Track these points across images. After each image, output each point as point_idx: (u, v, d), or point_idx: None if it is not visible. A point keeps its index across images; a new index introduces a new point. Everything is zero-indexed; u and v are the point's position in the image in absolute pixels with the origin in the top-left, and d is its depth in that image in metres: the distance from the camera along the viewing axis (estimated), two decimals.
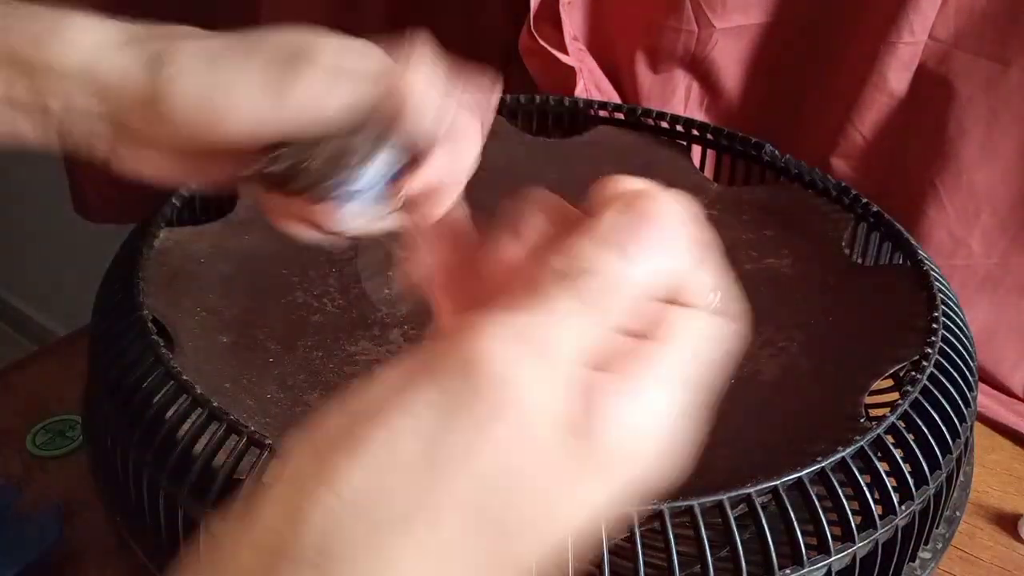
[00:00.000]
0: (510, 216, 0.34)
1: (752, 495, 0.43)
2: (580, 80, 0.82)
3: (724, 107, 0.86)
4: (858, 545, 0.45)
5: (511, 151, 0.78)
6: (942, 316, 0.56)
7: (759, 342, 0.59)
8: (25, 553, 0.55)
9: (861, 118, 0.77)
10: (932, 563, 0.51)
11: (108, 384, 0.51)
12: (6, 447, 0.66)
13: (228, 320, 0.58)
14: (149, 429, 0.48)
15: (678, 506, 0.42)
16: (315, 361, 0.57)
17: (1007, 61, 0.70)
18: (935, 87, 0.73)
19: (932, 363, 0.52)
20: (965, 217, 0.75)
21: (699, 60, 0.82)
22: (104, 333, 0.54)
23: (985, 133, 0.72)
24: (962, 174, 0.74)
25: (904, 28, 0.72)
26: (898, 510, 0.46)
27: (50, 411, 0.68)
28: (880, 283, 0.63)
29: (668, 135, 0.79)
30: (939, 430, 0.50)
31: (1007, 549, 0.63)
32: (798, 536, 0.43)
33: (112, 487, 0.51)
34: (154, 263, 0.58)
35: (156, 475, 0.47)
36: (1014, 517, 0.65)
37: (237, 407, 0.50)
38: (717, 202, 0.72)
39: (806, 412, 0.54)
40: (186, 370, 0.49)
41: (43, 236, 1.68)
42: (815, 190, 0.71)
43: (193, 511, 0.45)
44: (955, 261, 0.76)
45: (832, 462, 0.45)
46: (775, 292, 0.64)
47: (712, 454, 0.51)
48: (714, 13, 0.79)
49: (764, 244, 0.68)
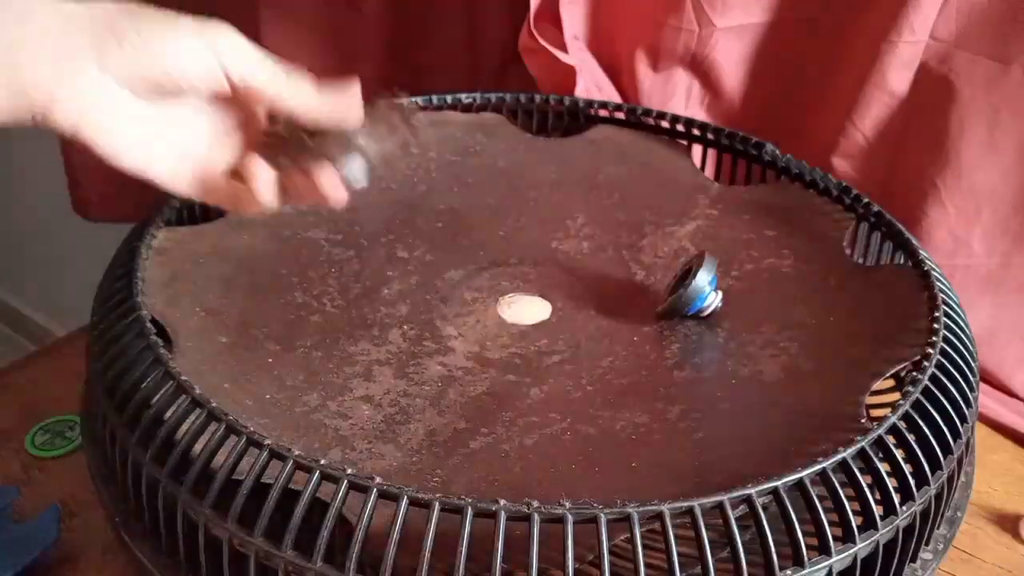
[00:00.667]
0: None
1: (753, 495, 0.43)
2: (580, 79, 0.82)
3: (725, 106, 0.86)
4: (859, 546, 0.45)
5: (511, 151, 0.78)
6: (943, 316, 0.56)
7: (760, 342, 0.59)
8: (24, 553, 0.55)
9: (862, 118, 0.77)
10: (933, 564, 0.50)
11: (107, 384, 0.51)
12: (5, 447, 0.66)
13: (227, 320, 0.58)
14: (148, 429, 0.48)
15: (678, 506, 0.42)
16: (314, 361, 0.57)
17: (1008, 60, 0.70)
18: (936, 87, 0.73)
19: (933, 363, 0.52)
20: (966, 217, 0.75)
21: (700, 59, 0.82)
22: (103, 333, 0.54)
23: (986, 132, 0.72)
24: (963, 174, 0.74)
25: (905, 27, 0.72)
26: (899, 511, 0.46)
27: (49, 411, 0.68)
28: (881, 283, 0.62)
29: (668, 135, 0.79)
30: (940, 430, 0.50)
31: (1008, 550, 0.63)
32: (799, 537, 0.43)
33: (111, 487, 0.51)
34: (153, 263, 0.58)
35: (155, 475, 0.47)
36: (1015, 518, 0.65)
37: (236, 407, 0.50)
38: (717, 202, 0.72)
39: (807, 412, 0.53)
40: (185, 370, 0.49)
41: (43, 236, 1.68)
42: (816, 190, 0.71)
43: (192, 511, 0.45)
44: (956, 261, 0.76)
45: (833, 462, 0.45)
46: (775, 292, 0.64)
47: (712, 454, 0.51)
48: (715, 12, 0.79)
49: (764, 244, 0.68)
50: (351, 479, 0.42)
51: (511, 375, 0.57)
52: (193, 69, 0.47)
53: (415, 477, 0.49)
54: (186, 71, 0.47)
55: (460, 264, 0.66)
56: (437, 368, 0.57)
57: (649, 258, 0.67)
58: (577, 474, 0.50)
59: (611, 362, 0.58)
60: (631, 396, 0.56)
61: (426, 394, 0.55)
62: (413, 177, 0.74)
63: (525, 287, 0.65)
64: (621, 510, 0.42)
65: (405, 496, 0.42)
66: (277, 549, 0.43)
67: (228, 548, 0.44)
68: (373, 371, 0.57)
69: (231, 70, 0.48)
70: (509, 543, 0.41)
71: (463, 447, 0.52)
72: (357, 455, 0.51)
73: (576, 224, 0.71)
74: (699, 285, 0.59)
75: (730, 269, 0.65)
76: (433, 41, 0.99)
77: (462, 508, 0.41)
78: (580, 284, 0.65)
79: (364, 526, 0.42)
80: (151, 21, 0.47)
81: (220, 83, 0.48)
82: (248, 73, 0.48)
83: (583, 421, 0.54)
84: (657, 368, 0.58)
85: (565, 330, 0.61)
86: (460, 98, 0.80)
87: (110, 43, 0.46)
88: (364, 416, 0.53)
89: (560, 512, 0.41)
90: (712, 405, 0.55)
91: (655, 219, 0.71)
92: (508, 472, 0.50)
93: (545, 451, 0.52)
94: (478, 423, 0.53)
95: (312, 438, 0.51)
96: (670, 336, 0.60)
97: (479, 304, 0.63)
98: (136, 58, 0.46)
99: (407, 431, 0.53)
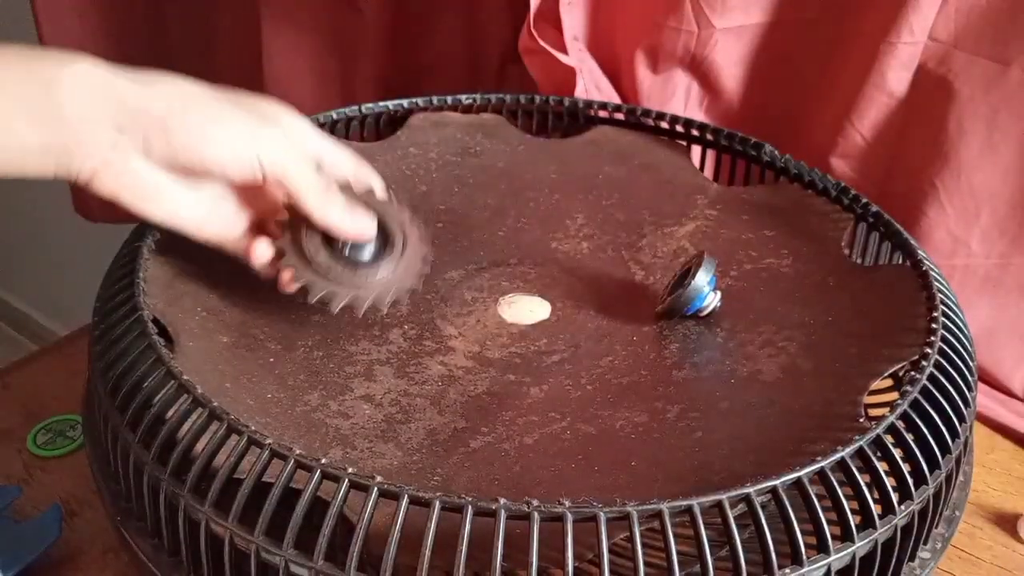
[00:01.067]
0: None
1: (751, 494, 0.43)
2: (580, 80, 0.82)
3: (724, 107, 0.86)
4: (857, 545, 0.45)
5: (511, 151, 0.78)
6: (942, 316, 0.56)
7: (759, 342, 0.59)
8: (25, 553, 0.55)
9: (861, 118, 0.77)
10: (932, 563, 0.51)
11: (109, 384, 0.51)
12: (7, 447, 0.66)
13: (228, 320, 0.58)
14: (150, 429, 0.48)
15: (677, 505, 0.42)
16: (315, 361, 0.57)
17: (1007, 61, 0.70)
18: (935, 87, 0.73)
19: (932, 363, 0.52)
20: (965, 217, 0.75)
21: (699, 60, 0.82)
22: (105, 333, 0.54)
23: (985, 133, 0.72)
24: (962, 174, 0.74)
25: (904, 28, 0.72)
26: (897, 510, 0.46)
27: (51, 411, 0.69)
28: (880, 283, 0.63)
29: (668, 135, 0.79)
30: (938, 430, 0.50)
31: (1007, 549, 0.64)
32: (797, 535, 0.43)
33: (113, 487, 0.52)
34: (155, 263, 0.58)
35: (157, 475, 0.47)
36: (1014, 517, 0.65)
37: (237, 407, 0.51)
38: (717, 202, 0.72)
39: (805, 412, 0.54)
40: (186, 370, 0.49)
41: (44, 236, 1.68)
42: (815, 190, 0.71)
43: (193, 511, 0.45)
44: (955, 261, 0.76)
45: (831, 462, 0.45)
46: (775, 292, 0.64)
47: (712, 453, 0.52)
48: (714, 13, 0.79)
49: (764, 244, 0.68)
50: (352, 478, 0.43)
51: (511, 375, 0.57)
52: (233, 169, 0.52)
53: (415, 476, 0.49)
54: (226, 170, 0.52)
55: (460, 264, 0.66)
56: (437, 368, 0.58)
57: (648, 258, 0.68)
58: (577, 473, 0.50)
59: (610, 362, 0.59)
60: (630, 395, 0.56)
61: (426, 393, 0.56)
62: (413, 177, 0.74)
63: (525, 287, 0.65)
64: (620, 509, 0.42)
65: (405, 495, 0.42)
66: (278, 548, 0.43)
67: (229, 547, 0.44)
68: (374, 370, 0.57)
69: (269, 172, 0.52)
70: (509, 542, 0.41)
71: (463, 446, 0.52)
72: (358, 454, 0.51)
73: (576, 224, 0.71)
74: (698, 285, 0.59)
75: (729, 269, 0.65)
76: (433, 42, 0.99)
77: (462, 507, 0.41)
78: (580, 284, 0.65)
79: (365, 525, 0.42)
80: (202, 117, 0.51)
81: (256, 179, 0.52)
82: (285, 179, 0.53)
83: (583, 420, 0.54)
84: (656, 368, 0.58)
85: (565, 330, 0.61)
86: (460, 99, 0.80)
87: (159, 139, 0.50)
88: (365, 415, 0.53)
89: (560, 511, 0.41)
90: (711, 404, 0.56)
91: (654, 219, 0.71)
92: (508, 471, 0.50)
93: (545, 450, 0.52)
94: (478, 422, 0.54)
95: (313, 437, 0.51)
96: (669, 336, 0.61)
97: (479, 304, 0.63)
98: (179, 154, 0.50)
99: (407, 430, 0.53)
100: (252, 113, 0.53)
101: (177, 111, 0.50)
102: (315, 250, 0.55)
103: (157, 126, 0.49)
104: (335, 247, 0.55)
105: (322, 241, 0.55)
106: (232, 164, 0.51)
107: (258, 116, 0.53)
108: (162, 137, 0.50)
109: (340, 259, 0.55)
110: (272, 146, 0.52)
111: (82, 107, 0.47)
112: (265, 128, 0.53)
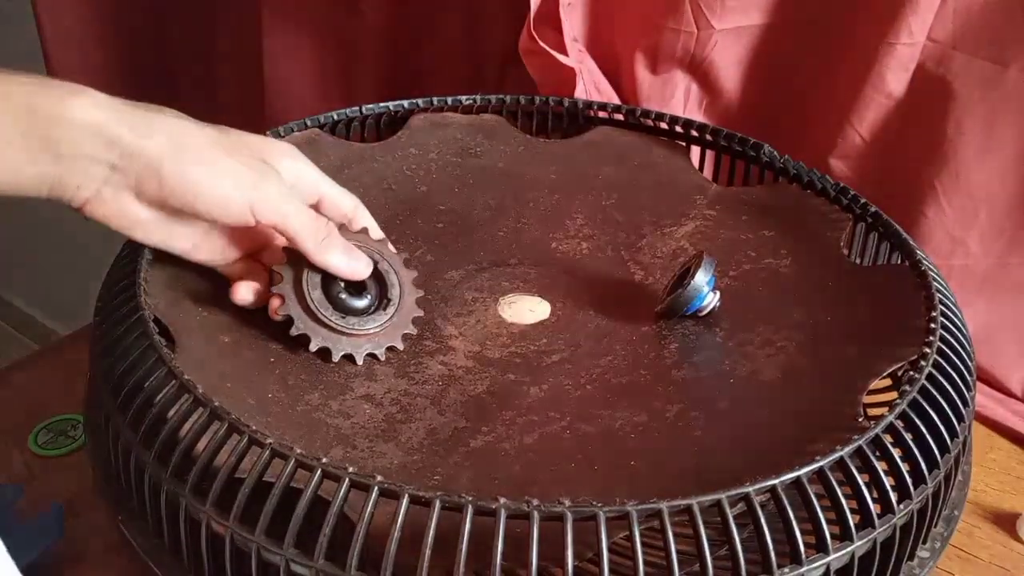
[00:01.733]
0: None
1: (751, 494, 0.43)
2: (580, 81, 0.82)
3: (723, 108, 0.86)
4: (856, 544, 0.45)
5: (511, 151, 0.78)
6: (940, 316, 0.56)
7: (758, 342, 0.59)
8: (26, 553, 0.55)
9: (860, 119, 0.77)
10: (931, 562, 0.51)
11: (110, 384, 0.51)
12: (8, 446, 0.66)
13: (229, 320, 0.58)
14: (151, 428, 0.48)
15: (677, 505, 0.42)
16: (316, 361, 0.57)
17: (1005, 62, 0.70)
18: (933, 88, 0.73)
19: (930, 363, 0.52)
20: (963, 217, 0.75)
21: (698, 61, 0.82)
22: (106, 333, 0.54)
23: (983, 134, 0.72)
24: (960, 174, 0.74)
25: (903, 29, 0.72)
26: (896, 509, 0.46)
27: (52, 411, 0.69)
28: (878, 283, 0.63)
29: (667, 135, 0.79)
30: (937, 429, 0.50)
31: (1005, 548, 0.64)
32: (796, 535, 0.44)
33: (114, 486, 0.52)
34: (156, 263, 0.58)
35: (158, 474, 0.47)
36: (1012, 516, 0.65)
37: (238, 406, 0.51)
38: (715, 202, 0.72)
39: (805, 411, 0.54)
40: (187, 370, 0.49)
41: (44, 236, 1.68)
42: (814, 190, 0.71)
43: (195, 510, 0.45)
44: (953, 261, 0.76)
45: (830, 461, 0.45)
46: (774, 292, 0.64)
47: (710, 453, 0.52)
48: (713, 14, 0.79)
49: (763, 244, 0.68)
50: (352, 477, 0.43)
51: (511, 374, 0.58)
52: (224, 218, 0.53)
53: (416, 475, 0.50)
54: (217, 218, 0.53)
55: (460, 264, 0.66)
56: (438, 367, 0.58)
57: (648, 258, 0.68)
58: (576, 472, 0.50)
59: (610, 361, 0.59)
60: (630, 395, 0.56)
61: (427, 393, 0.56)
62: (414, 178, 0.74)
63: (525, 287, 0.65)
64: (620, 508, 0.42)
65: (406, 494, 0.42)
66: (279, 547, 0.43)
67: (230, 546, 0.44)
68: (374, 370, 0.57)
69: (262, 220, 0.53)
70: (509, 541, 0.41)
71: (463, 446, 0.52)
72: (358, 454, 0.51)
73: (575, 224, 0.71)
74: (697, 285, 0.59)
75: (728, 269, 0.65)
76: (433, 43, 0.99)
77: (462, 506, 0.42)
78: (579, 284, 0.65)
79: (365, 524, 0.42)
80: (196, 164, 0.51)
81: (247, 223, 0.53)
82: (282, 226, 0.54)
83: (582, 420, 0.54)
84: (656, 367, 0.58)
85: (564, 330, 0.61)
86: (460, 100, 0.80)
87: (150, 183, 0.51)
88: (365, 415, 0.54)
89: (560, 510, 0.42)
90: (710, 404, 0.56)
91: (654, 219, 0.71)
92: (508, 470, 0.50)
93: (545, 449, 0.52)
94: (478, 422, 0.54)
95: (313, 437, 0.52)
96: (669, 336, 0.61)
97: (479, 304, 0.63)
98: (169, 200, 0.52)
99: (408, 430, 0.53)
100: (249, 159, 0.53)
101: (170, 156, 0.50)
102: (312, 286, 0.56)
103: (150, 170, 0.50)
104: (333, 286, 0.56)
105: (321, 279, 0.56)
106: (223, 214, 0.53)
107: (255, 163, 0.53)
108: (153, 182, 0.51)
109: (334, 300, 0.56)
110: (267, 194, 0.53)
111: (78, 146, 0.49)
112: (260, 176, 0.53)
